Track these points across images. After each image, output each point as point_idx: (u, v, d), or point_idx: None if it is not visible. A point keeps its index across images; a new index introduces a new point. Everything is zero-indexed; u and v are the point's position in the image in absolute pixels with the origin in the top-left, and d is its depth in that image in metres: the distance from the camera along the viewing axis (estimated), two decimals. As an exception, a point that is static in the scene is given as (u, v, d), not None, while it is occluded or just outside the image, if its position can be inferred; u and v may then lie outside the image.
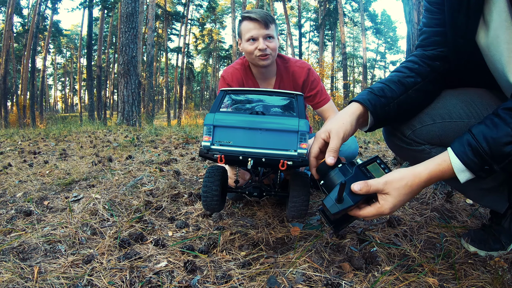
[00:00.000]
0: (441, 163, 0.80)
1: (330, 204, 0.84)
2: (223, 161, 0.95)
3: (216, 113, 1.00)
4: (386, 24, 38.09)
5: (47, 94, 41.74)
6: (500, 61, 0.85)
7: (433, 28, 1.01)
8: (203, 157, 0.98)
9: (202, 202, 1.09)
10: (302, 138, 0.95)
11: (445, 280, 0.95)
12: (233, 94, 1.12)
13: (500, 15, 0.80)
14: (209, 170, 1.11)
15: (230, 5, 25.34)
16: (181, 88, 25.54)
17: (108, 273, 1.00)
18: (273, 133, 0.96)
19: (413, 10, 2.00)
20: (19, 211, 1.54)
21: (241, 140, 0.98)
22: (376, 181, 0.83)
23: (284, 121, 0.97)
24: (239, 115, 1.01)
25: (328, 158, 0.90)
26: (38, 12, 19.33)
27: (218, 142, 0.98)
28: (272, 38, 1.65)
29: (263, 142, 0.96)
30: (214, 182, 1.07)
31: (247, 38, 1.64)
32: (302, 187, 1.05)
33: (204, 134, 0.99)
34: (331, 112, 1.81)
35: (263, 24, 1.61)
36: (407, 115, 1.05)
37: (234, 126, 0.98)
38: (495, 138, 0.74)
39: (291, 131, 0.95)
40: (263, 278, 0.96)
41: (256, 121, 0.97)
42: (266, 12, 1.67)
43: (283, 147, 0.96)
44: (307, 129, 0.96)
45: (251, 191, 1.16)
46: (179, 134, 4.27)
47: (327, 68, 16.64)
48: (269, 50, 1.63)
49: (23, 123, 15.59)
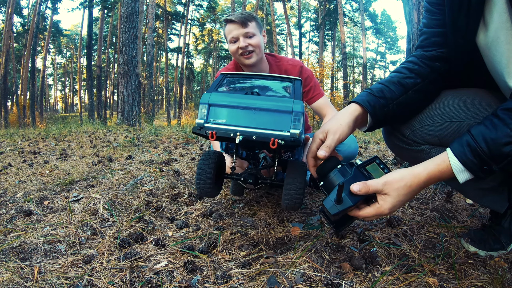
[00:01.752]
0: (440, 163, 0.80)
1: (330, 205, 0.85)
2: (214, 138, 0.95)
3: (213, 93, 1.01)
4: (386, 24, 38.07)
5: (47, 94, 41.73)
6: (500, 62, 0.85)
7: (433, 29, 1.01)
8: (195, 134, 0.98)
9: (195, 185, 1.09)
10: (296, 119, 0.93)
11: (445, 280, 0.95)
12: (232, 77, 1.12)
13: (500, 16, 0.80)
14: (205, 154, 1.11)
15: (230, 5, 25.33)
16: (181, 88, 25.53)
17: (108, 273, 1.00)
18: (267, 113, 0.96)
19: (413, 10, 2.00)
20: (19, 211, 1.54)
21: (235, 119, 0.97)
22: (375, 182, 0.83)
23: (278, 102, 0.96)
24: (235, 95, 1.01)
25: (320, 151, 0.92)
26: (38, 12, 19.35)
27: (212, 121, 0.98)
28: (253, 35, 1.66)
29: (257, 122, 0.95)
30: (209, 165, 1.07)
31: (230, 40, 1.69)
32: (297, 175, 1.03)
33: (199, 113, 0.99)
34: (326, 107, 1.82)
35: (241, 23, 1.64)
36: (406, 116, 1.05)
37: (229, 105, 0.98)
38: (494, 139, 0.74)
39: (285, 111, 0.94)
40: (263, 278, 0.96)
41: (250, 101, 0.97)
42: (246, 12, 1.70)
43: (277, 127, 0.94)
44: (302, 110, 0.94)
45: (246, 178, 1.15)
46: (179, 134, 4.27)
47: (327, 68, 16.63)
48: (251, 47, 1.66)
49: (23, 123, 15.61)
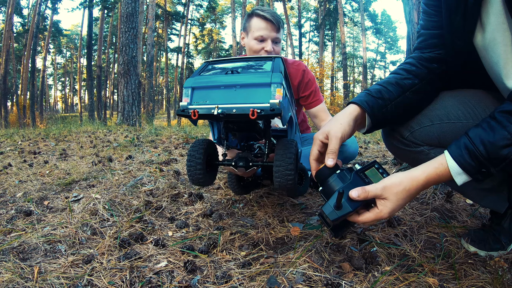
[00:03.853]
0: (438, 166, 0.81)
1: (329, 211, 0.85)
2: (196, 116, 0.96)
3: (196, 77, 1.04)
4: (386, 24, 38.06)
5: (47, 94, 41.70)
6: (497, 63, 0.85)
7: (431, 31, 1.01)
8: (179, 115, 1.00)
9: (187, 173, 1.10)
10: (274, 90, 0.94)
11: (445, 280, 0.95)
12: (214, 63, 1.14)
13: (497, 18, 0.80)
14: (194, 143, 1.12)
15: (230, 5, 25.32)
16: (181, 88, 25.54)
17: (108, 273, 1.00)
18: (247, 89, 0.97)
19: (413, 10, 2.00)
20: (19, 211, 1.54)
21: (218, 98, 0.99)
22: (374, 187, 0.83)
23: (257, 76, 0.98)
24: (216, 76, 1.03)
25: (328, 160, 0.91)
26: (38, 12, 19.34)
27: (196, 103, 1.00)
28: (279, 42, 1.64)
29: (239, 98, 0.97)
30: (198, 151, 1.09)
31: (256, 36, 1.61)
32: (286, 151, 1.03)
33: (184, 96, 1.01)
34: (323, 114, 1.80)
35: (276, 26, 1.59)
36: (405, 117, 1.05)
37: (211, 86, 1.00)
38: (492, 142, 0.74)
39: (264, 84, 0.95)
40: (263, 278, 0.96)
41: (231, 79, 0.99)
42: (278, 15, 1.65)
43: (257, 101, 0.95)
44: (281, 81, 0.95)
45: (237, 161, 1.16)
46: (179, 134, 4.28)
47: (327, 68, 16.64)
48: (274, 54, 1.62)
49: (23, 123, 15.61)
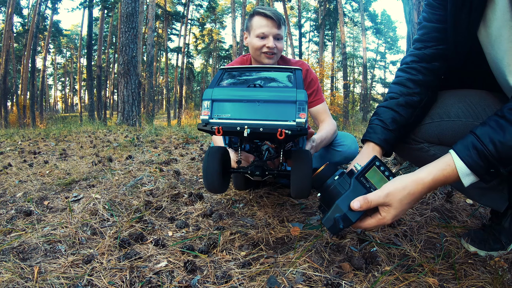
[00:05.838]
0: (445, 167, 0.77)
1: (330, 224, 0.81)
2: (220, 133, 0.94)
3: (215, 88, 1.00)
4: (386, 24, 38.03)
5: (47, 94, 41.68)
6: (502, 59, 0.84)
7: (434, 24, 1.01)
8: (201, 130, 0.98)
9: (203, 182, 1.08)
10: (300, 108, 0.93)
11: (445, 280, 0.95)
12: (231, 71, 1.12)
13: (504, 14, 0.79)
14: (209, 150, 1.10)
15: (230, 5, 25.32)
16: (181, 88, 25.51)
17: (108, 273, 1.00)
18: (271, 105, 0.95)
19: (413, 10, 2.00)
20: (19, 211, 1.54)
21: (240, 112, 0.96)
22: (377, 195, 0.80)
23: (281, 92, 0.96)
24: (237, 89, 1.00)
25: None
26: (38, 12, 19.32)
27: (216, 116, 0.97)
28: (281, 39, 1.65)
29: (261, 114, 0.95)
30: (215, 161, 1.07)
31: (258, 34, 1.63)
32: (303, 163, 1.03)
33: (203, 109, 0.98)
34: (324, 114, 1.81)
35: (277, 23, 1.60)
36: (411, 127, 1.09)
37: (232, 100, 0.97)
38: (502, 142, 0.71)
39: (289, 101, 0.94)
40: (263, 278, 0.96)
41: (253, 94, 0.96)
42: (279, 13, 1.67)
43: (282, 118, 0.94)
44: (305, 99, 0.94)
45: (253, 171, 1.14)
46: (179, 134, 4.27)
47: (327, 68, 16.64)
48: (276, 50, 1.64)
49: (23, 123, 15.60)
